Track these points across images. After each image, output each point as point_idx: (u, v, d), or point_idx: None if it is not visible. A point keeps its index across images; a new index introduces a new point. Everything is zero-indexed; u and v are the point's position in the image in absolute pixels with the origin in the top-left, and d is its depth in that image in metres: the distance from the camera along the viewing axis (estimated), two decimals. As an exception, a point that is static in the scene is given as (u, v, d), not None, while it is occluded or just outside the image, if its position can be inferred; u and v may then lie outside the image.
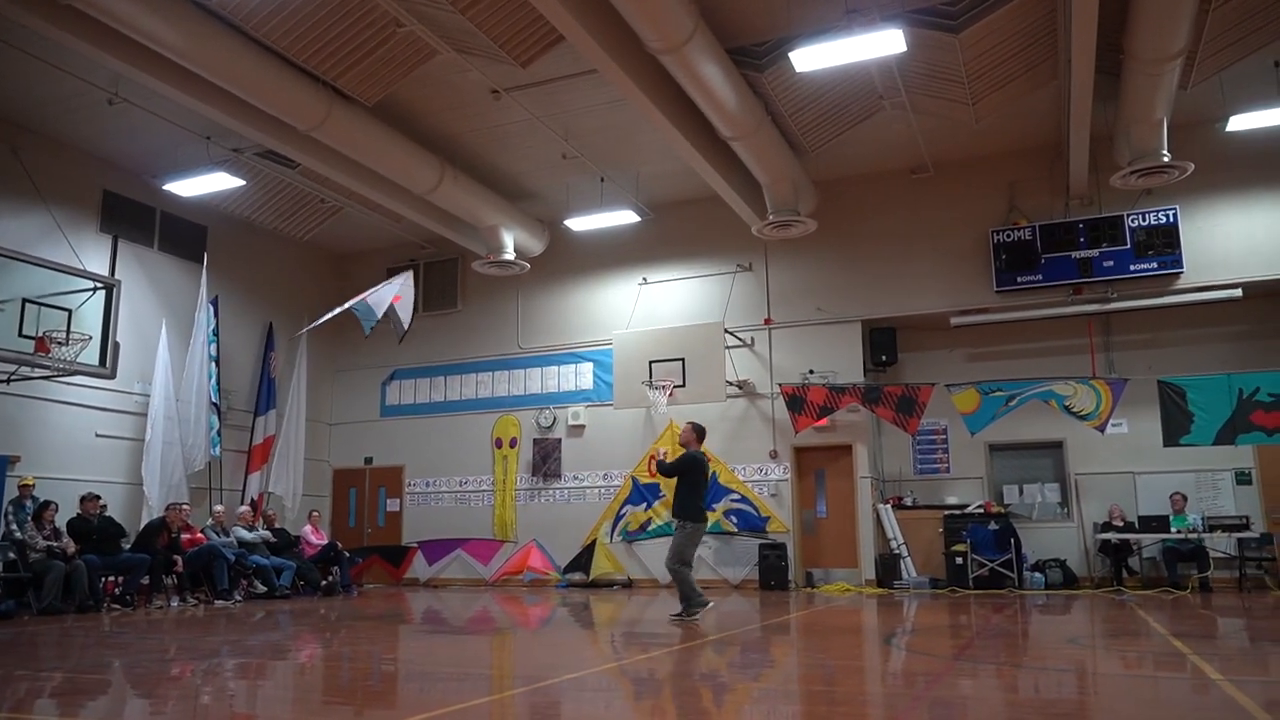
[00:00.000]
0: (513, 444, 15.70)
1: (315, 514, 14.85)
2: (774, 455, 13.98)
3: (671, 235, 15.06)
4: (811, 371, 13.75)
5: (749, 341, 14.37)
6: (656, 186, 14.32)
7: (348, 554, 14.27)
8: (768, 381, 14.14)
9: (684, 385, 13.37)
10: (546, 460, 15.37)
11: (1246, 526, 11.88)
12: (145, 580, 11.02)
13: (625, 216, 14.16)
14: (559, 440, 15.37)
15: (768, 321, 14.37)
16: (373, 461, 16.69)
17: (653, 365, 13.57)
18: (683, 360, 13.45)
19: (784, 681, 5.45)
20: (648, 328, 14.52)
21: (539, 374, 15.75)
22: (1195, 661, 5.65)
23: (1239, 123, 11.27)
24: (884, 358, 14.05)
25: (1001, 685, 5.02)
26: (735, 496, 13.96)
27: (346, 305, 12.39)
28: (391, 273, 16.86)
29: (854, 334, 13.92)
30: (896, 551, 13.33)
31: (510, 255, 14.25)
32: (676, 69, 9.53)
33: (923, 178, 13.82)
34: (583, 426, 15.22)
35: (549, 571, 14.96)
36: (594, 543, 14.78)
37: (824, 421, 13.29)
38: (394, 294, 12.65)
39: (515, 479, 15.56)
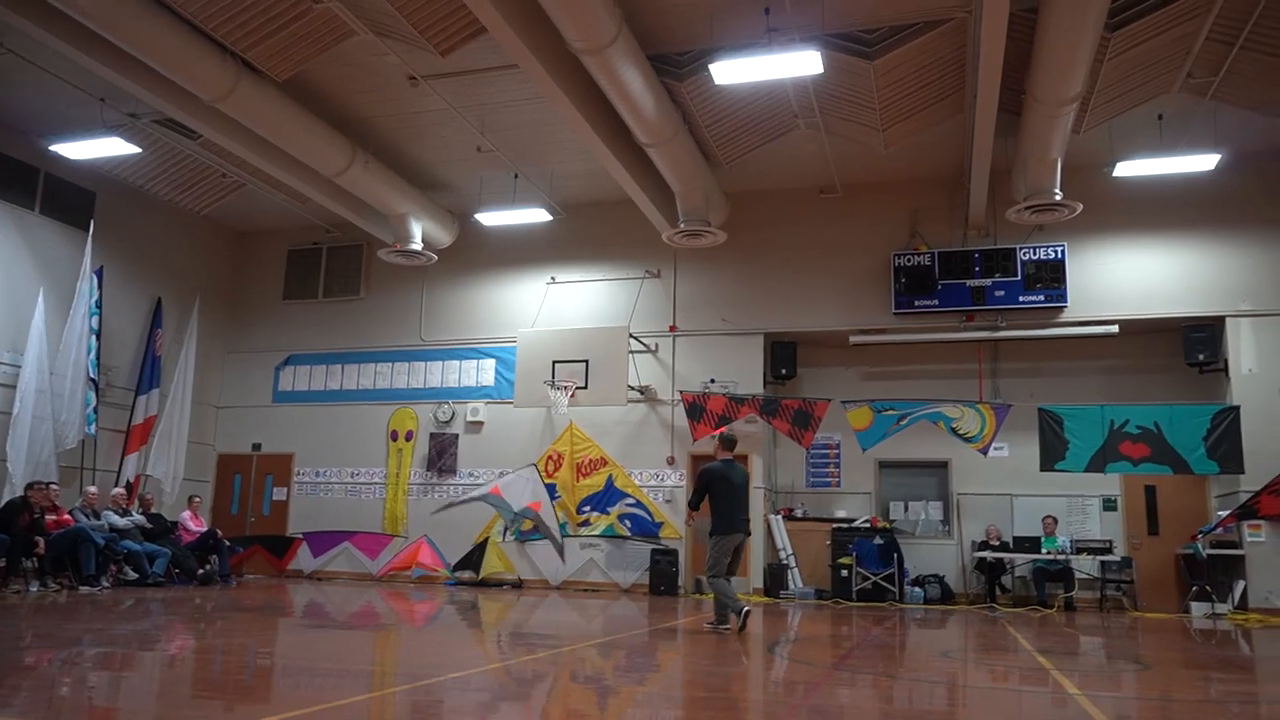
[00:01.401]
0: (409, 437, 15.40)
1: (195, 499, 14.28)
2: (671, 461, 14.09)
3: (582, 236, 15.04)
4: (712, 380, 13.93)
5: (653, 347, 14.45)
6: (570, 187, 14.28)
7: (228, 543, 13.76)
8: (669, 388, 14.25)
9: (586, 387, 13.40)
10: (442, 455, 15.12)
11: (1110, 550, 12.57)
12: (2, 563, 10.38)
13: (537, 214, 14.07)
14: (456, 436, 15.15)
15: (672, 329, 14.49)
16: (261, 448, 16.13)
17: (556, 365, 13.54)
18: (586, 362, 13.46)
19: (666, 686, 5.49)
20: (553, 327, 14.47)
21: (440, 367, 15.50)
22: (1056, 676, 5.94)
23: (1124, 169, 11.96)
24: (784, 371, 14.33)
25: (877, 695, 5.18)
26: (630, 500, 14.02)
27: (476, 496, 14.28)
28: (294, 255, 16.49)
29: (756, 346, 14.16)
30: (785, 562, 13.60)
31: (418, 245, 13.98)
32: (597, 71, 9.53)
33: (831, 198, 14.16)
34: (481, 423, 15.04)
35: (438, 568, 14.73)
36: (486, 541, 14.62)
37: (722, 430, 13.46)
38: (533, 497, 13.99)
39: (409, 473, 15.27)
